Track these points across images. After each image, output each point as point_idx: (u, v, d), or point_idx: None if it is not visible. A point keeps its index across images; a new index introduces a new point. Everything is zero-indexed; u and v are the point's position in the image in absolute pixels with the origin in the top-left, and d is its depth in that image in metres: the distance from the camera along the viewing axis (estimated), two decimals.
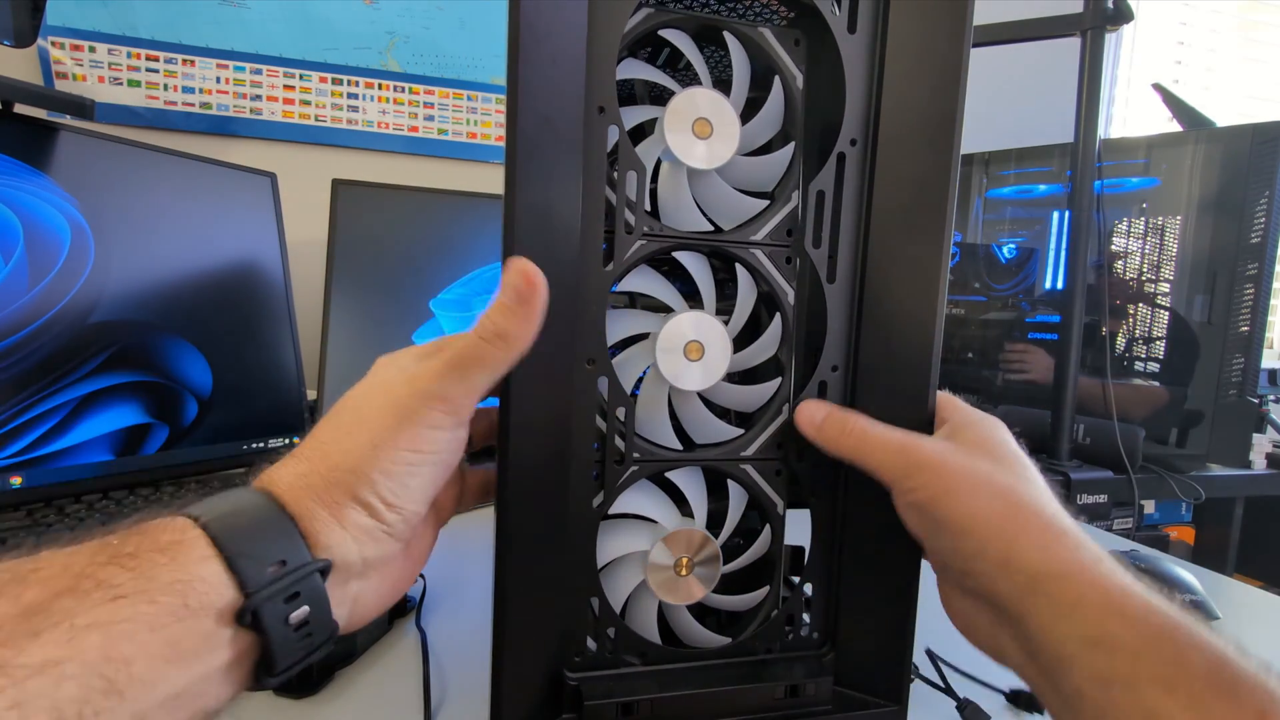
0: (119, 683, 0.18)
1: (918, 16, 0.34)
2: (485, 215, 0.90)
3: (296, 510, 0.24)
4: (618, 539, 0.35)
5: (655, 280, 0.35)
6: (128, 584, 0.20)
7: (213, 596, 0.21)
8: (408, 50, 1.14)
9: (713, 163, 0.34)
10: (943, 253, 0.34)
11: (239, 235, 0.76)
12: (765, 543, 0.37)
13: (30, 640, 0.17)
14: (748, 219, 0.36)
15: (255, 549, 0.22)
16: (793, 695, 0.36)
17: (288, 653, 0.23)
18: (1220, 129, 1.13)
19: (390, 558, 0.27)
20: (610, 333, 0.34)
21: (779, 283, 0.36)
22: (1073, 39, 1.01)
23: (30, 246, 0.58)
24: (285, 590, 0.22)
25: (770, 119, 0.36)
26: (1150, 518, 1.10)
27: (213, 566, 0.21)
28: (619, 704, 0.33)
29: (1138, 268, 1.16)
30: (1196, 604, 0.53)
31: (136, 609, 0.19)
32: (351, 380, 0.28)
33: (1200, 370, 1.09)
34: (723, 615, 0.39)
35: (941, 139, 0.34)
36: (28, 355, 0.58)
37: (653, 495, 0.36)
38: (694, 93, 0.33)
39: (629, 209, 0.33)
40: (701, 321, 0.34)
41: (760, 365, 0.37)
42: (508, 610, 0.32)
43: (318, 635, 0.24)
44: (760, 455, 0.37)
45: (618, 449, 0.34)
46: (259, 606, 0.22)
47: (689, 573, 0.35)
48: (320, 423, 0.27)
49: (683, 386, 0.34)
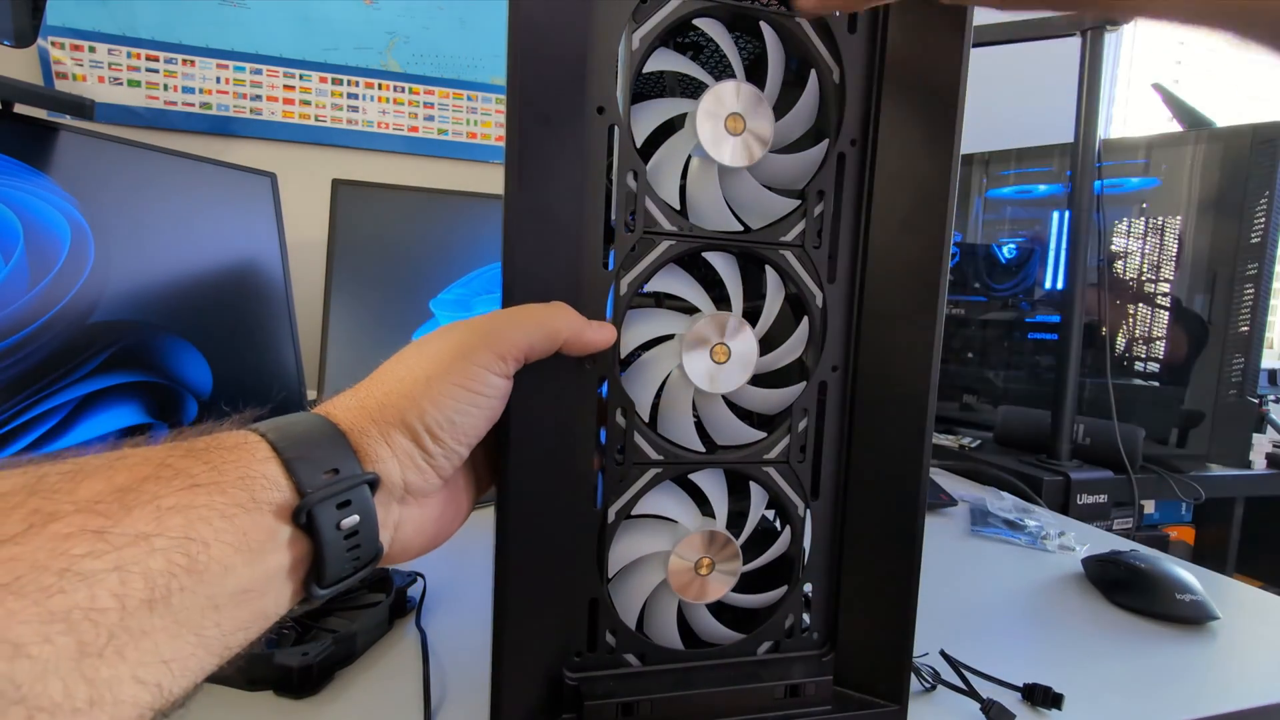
0: (199, 562, 0.20)
1: (918, 16, 0.34)
2: (485, 215, 0.90)
3: (349, 428, 0.26)
4: (639, 539, 0.35)
5: (684, 280, 0.35)
6: (203, 474, 0.21)
7: (274, 493, 0.23)
8: (408, 50, 1.14)
9: (745, 159, 0.33)
10: (943, 253, 0.34)
11: (239, 235, 0.76)
12: (785, 542, 0.37)
13: (125, 514, 0.19)
14: (777, 219, 0.35)
15: (311, 454, 0.24)
16: (793, 695, 0.36)
17: (337, 561, 0.24)
18: (1220, 129, 1.12)
19: (428, 490, 0.28)
20: (637, 333, 0.34)
21: (807, 285, 0.36)
22: (1073, 39, 1.01)
23: (30, 246, 0.58)
24: (337, 495, 0.24)
25: (804, 114, 0.35)
26: (1150, 518, 1.10)
27: (273, 467, 0.23)
28: (619, 704, 0.33)
29: (1138, 268, 1.16)
30: (1197, 604, 0.53)
31: (211, 497, 0.21)
32: (351, 380, 0.28)
33: (1200, 370, 1.09)
34: (739, 613, 0.39)
35: (941, 139, 0.34)
36: (28, 355, 0.58)
37: (675, 496, 0.36)
38: (727, 86, 0.32)
39: (656, 206, 0.33)
40: (730, 323, 0.34)
41: (783, 368, 0.37)
42: (508, 610, 0.32)
43: (365, 549, 0.25)
44: (782, 458, 0.36)
45: (639, 448, 0.34)
46: (313, 507, 0.23)
47: (710, 572, 0.35)
48: (384, 363, 0.29)
49: (709, 389, 0.34)
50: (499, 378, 0.28)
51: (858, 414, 0.37)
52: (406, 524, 0.28)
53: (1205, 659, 0.49)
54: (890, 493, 0.36)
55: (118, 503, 0.19)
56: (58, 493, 0.19)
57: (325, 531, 0.23)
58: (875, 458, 0.37)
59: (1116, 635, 0.52)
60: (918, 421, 0.35)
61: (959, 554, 0.68)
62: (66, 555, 0.17)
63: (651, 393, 0.34)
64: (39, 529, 0.17)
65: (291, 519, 0.23)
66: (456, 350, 0.27)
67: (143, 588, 0.18)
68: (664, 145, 0.33)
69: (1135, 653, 0.49)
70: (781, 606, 0.37)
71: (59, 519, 0.18)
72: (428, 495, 0.28)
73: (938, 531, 0.75)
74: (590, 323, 0.31)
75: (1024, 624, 0.54)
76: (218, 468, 0.22)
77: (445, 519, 0.30)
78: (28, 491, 0.18)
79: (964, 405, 1.30)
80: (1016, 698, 0.42)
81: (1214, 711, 0.42)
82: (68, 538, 0.18)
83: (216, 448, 0.23)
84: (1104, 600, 0.58)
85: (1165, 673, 0.47)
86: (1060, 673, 0.44)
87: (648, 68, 0.33)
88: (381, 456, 0.26)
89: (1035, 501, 0.92)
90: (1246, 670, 0.48)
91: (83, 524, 0.18)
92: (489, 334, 0.28)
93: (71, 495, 0.19)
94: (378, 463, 0.26)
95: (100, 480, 0.20)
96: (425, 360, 0.27)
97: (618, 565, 0.35)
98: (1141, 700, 0.43)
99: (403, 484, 0.27)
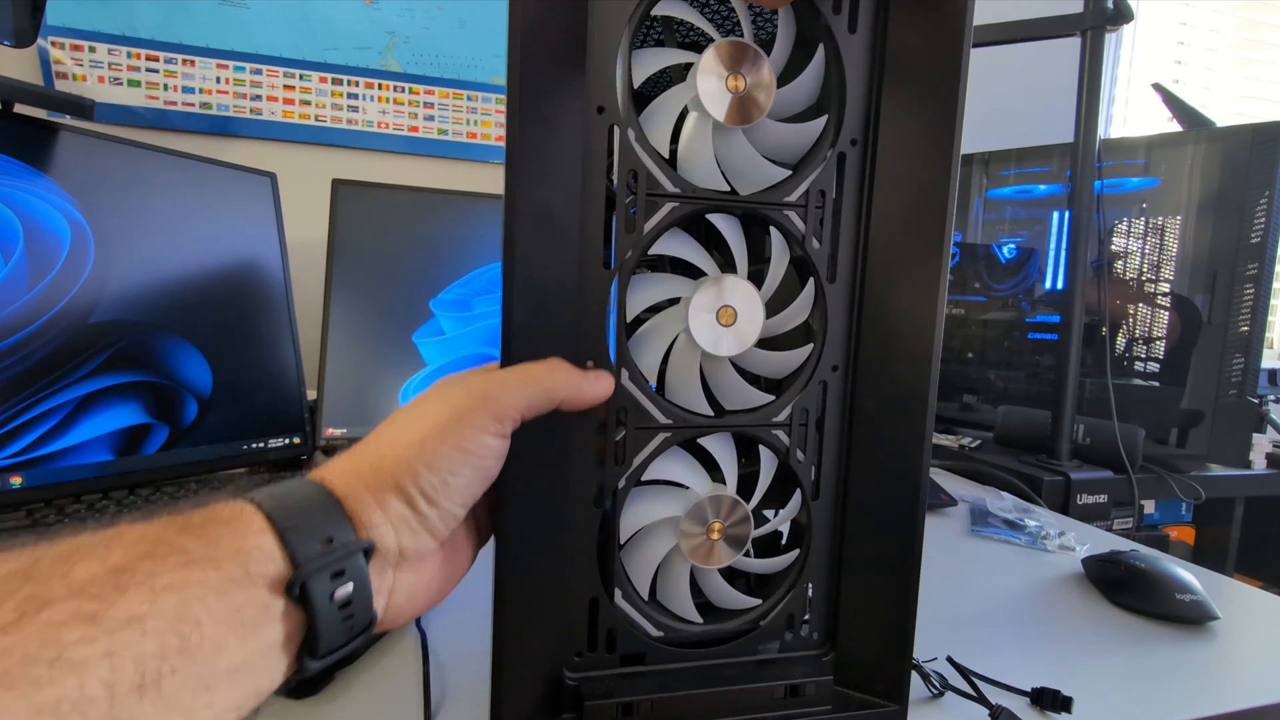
0: (192, 643, 0.20)
1: (918, 16, 0.34)
2: (485, 215, 0.90)
3: (344, 494, 0.25)
4: (649, 505, 0.35)
5: (688, 243, 0.34)
6: (197, 551, 0.21)
7: (269, 566, 0.23)
8: (408, 50, 1.14)
9: (743, 120, 0.32)
10: (943, 253, 0.34)
11: (239, 235, 0.76)
12: (796, 506, 0.37)
13: (119, 595, 0.19)
14: (768, 186, 0.35)
15: (305, 525, 0.24)
16: (793, 695, 0.36)
17: (331, 632, 0.24)
18: (1220, 129, 1.12)
19: (424, 554, 0.28)
20: (641, 298, 0.34)
21: (813, 246, 0.36)
22: (1073, 39, 1.00)
23: (30, 246, 0.58)
24: (332, 565, 0.24)
25: (808, 86, 0.35)
26: (1150, 518, 1.10)
27: (267, 539, 0.23)
28: (619, 704, 0.33)
29: (1138, 268, 1.16)
30: (1197, 604, 0.53)
31: (206, 573, 0.21)
32: (351, 379, 0.28)
33: (1200, 370, 1.09)
34: (752, 579, 0.39)
35: (941, 139, 0.34)
36: (28, 355, 0.58)
37: (684, 461, 0.36)
38: (733, 44, 0.32)
39: (659, 168, 0.32)
40: (735, 286, 0.33)
41: (790, 331, 0.37)
42: (508, 610, 0.32)
43: (358, 618, 0.25)
44: (790, 421, 0.36)
45: (648, 413, 0.34)
46: (308, 579, 0.23)
47: (720, 537, 0.35)
48: (379, 424, 0.29)
49: (717, 352, 0.34)
50: (495, 439, 0.28)
51: (858, 414, 0.37)
52: (401, 589, 0.28)
53: (1205, 659, 0.49)
54: (890, 493, 0.36)
55: (112, 584, 0.19)
56: (52, 577, 0.19)
57: (319, 602, 0.23)
58: (875, 458, 0.37)
59: (1117, 635, 0.52)
60: (918, 421, 0.35)
61: (959, 554, 0.68)
62: (58, 643, 0.17)
63: (658, 357, 0.34)
64: (32, 616, 0.17)
65: (285, 591, 0.23)
66: (452, 412, 0.27)
67: (133, 673, 0.18)
68: (659, 97, 0.33)
69: (1136, 653, 0.49)
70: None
71: (52, 605, 0.18)
72: (424, 558, 0.28)
73: (938, 531, 0.75)
74: (587, 376, 0.31)
75: (1025, 625, 0.54)
76: (213, 542, 0.22)
77: (443, 577, 0.30)
78: (22, 578, 0.18)
79: (964, 405, 1.30)
80: (1025, 702, 0.42)
81: (1214, 711, 0.42)
82: (60, 625, 0.18)
83: (212, 521, 0.23)
84: (1104, 600, 0.58)
85: (1166, 673, 0.47)
86: (1062, 674, 0.44)
87: (657, 10, 0.32)
88: (375, 522, 0.26)
89: (1035, 501, 0.92)
90: (1246, 670, 0.48)
91: (75, 609, 0.18)
92: (486, 396, 0.28)
93: (65, 579, 0.19)
94: (372, 529, 0.25)
95: (95, 561, 0.20)
96: (420, 422, 0.27)
97: (629, 531, 0.35)
98: (1142, 700, 0.43)
99: (397, 549, 0.26)
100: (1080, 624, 0.54)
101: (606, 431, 0.34)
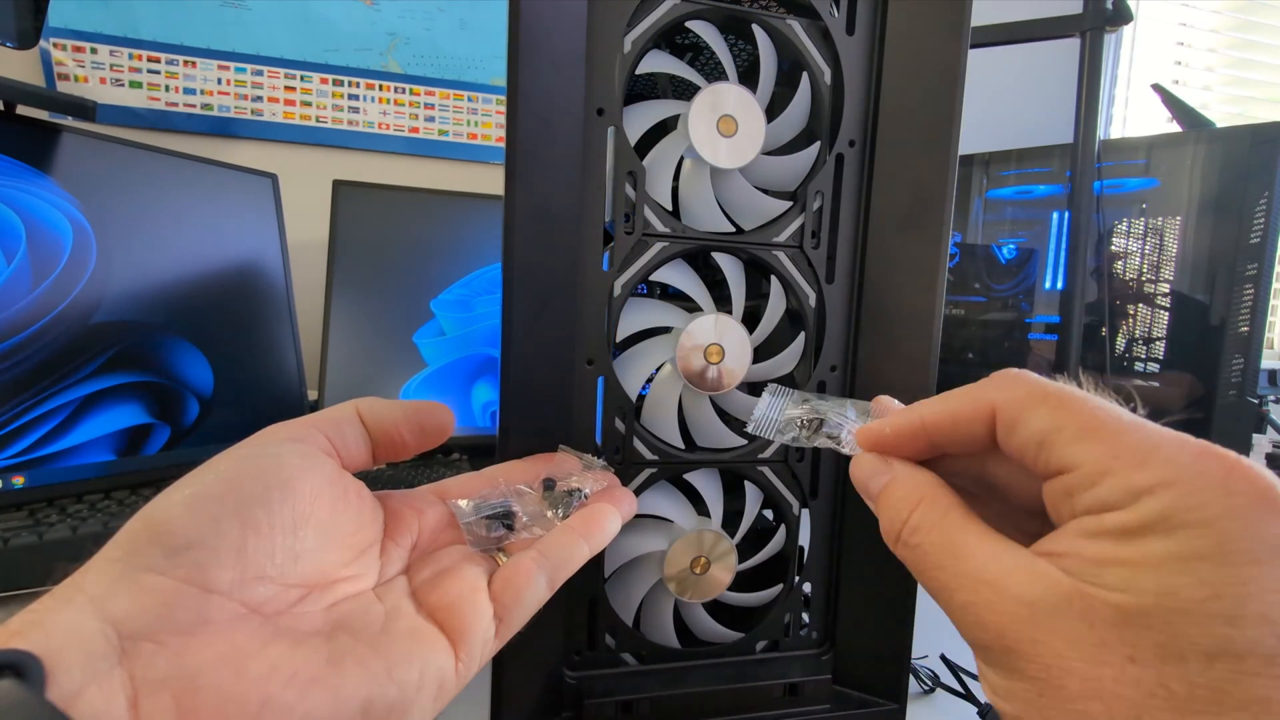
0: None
1: (916, 17, 0.34)
2: (485, 215, 0.90)
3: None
4: (635, 539, 0.35)
5: (687, 276, 0.35)
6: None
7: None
8: (408, 51, 1.14)
9: (737, 161, 0.33)
10: (942, 253, 0.34)
11: (240, 236, 0.77)
12: (780, 542, 0.38)
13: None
14: (770, 220, 0.35)
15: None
16: (792, 694, 0.36)
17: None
18: (1220, 129, 1.12)
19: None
20: (633, 321, 0.34)
21: (800, 286, 0.36)
22: (1072, 39, 1.01)
23: (32, 247, 0.59)
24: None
25: (796, 116, 0.36)
26: None
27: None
28: (618, 703, 0.33)
29: (1138, 268, 1.16)
30: None
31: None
32: (352, 379, 0.28)
33: (1200, 370, 1.09)
34: (736, 611, 0.39)
35: (940, 139, 0.34)
36: (30, 356, 0.58)
37: (669, 496, 0.36)
38: (719, 89, 0.32)
39: (651, 209, 0.33)
40: (726, 325, 0.34)
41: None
42: None
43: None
44: (777, 458, 0.37)
45: (636, 451, 0.34)
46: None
47: (705, 571, 0.35)
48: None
49: (698, 389, 0.34)
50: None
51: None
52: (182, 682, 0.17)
53: None
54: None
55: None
56: None
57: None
58: None
59: None
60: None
61: None
62: None
63: (640, 381, 0.34)
64: None
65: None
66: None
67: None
68: (656, 147, 0.34)
69: None
70: (780, 605, 0.38)
71: None
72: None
73: None
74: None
75: None
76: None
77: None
78: None
79: None
80: None
81: None
82: None
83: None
84: None
85: None
86: None
87: (641, 69, 0.33)
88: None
89: None
90: None
91: None
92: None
93: None
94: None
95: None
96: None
97: (614, 565, 0.35)
98: None
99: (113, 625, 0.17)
100: None
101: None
